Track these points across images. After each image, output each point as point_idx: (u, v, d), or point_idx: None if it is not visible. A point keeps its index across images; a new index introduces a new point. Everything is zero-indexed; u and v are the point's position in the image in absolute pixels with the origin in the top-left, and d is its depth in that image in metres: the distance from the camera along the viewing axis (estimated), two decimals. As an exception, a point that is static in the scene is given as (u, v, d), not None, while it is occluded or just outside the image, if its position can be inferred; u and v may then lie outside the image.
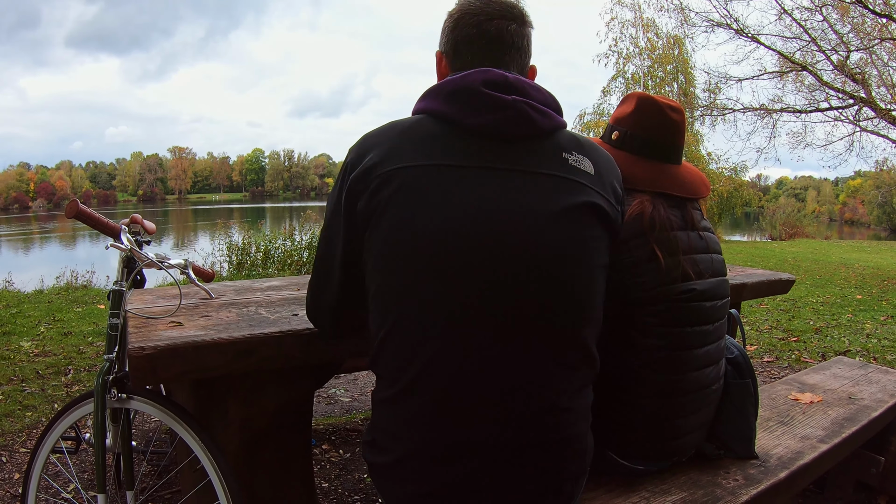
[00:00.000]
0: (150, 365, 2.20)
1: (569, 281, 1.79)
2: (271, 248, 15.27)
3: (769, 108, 21.16)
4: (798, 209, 56.32)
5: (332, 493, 3.83)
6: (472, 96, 1.80)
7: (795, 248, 27.12)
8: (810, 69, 19.49)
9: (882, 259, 22.34)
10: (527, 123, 1.81)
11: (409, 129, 1.84)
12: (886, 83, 18.43)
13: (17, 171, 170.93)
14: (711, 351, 2.36)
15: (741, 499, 2.27)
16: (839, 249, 27.24)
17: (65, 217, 2.96)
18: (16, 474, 3.97)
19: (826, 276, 15.89)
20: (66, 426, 2.68)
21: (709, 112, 22.90)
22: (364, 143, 1.87)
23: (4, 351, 6.64)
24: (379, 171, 1.76)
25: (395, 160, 1.76)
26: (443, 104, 1.84)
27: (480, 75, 1.81)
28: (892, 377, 3.82)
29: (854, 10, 18.02)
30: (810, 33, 19.11)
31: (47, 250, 41.38)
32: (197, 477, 2.47)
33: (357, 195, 1.80)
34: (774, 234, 40.94)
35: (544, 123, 1.84)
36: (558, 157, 1.84)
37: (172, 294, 3.08)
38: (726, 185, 34.97)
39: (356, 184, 1.80)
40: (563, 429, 1.84)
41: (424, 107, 1.89)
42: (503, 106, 1.78)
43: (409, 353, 1.77)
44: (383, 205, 1.74)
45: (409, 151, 1.78)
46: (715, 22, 21.10)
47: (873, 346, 7.71)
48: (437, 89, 1.88)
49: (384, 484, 1.94)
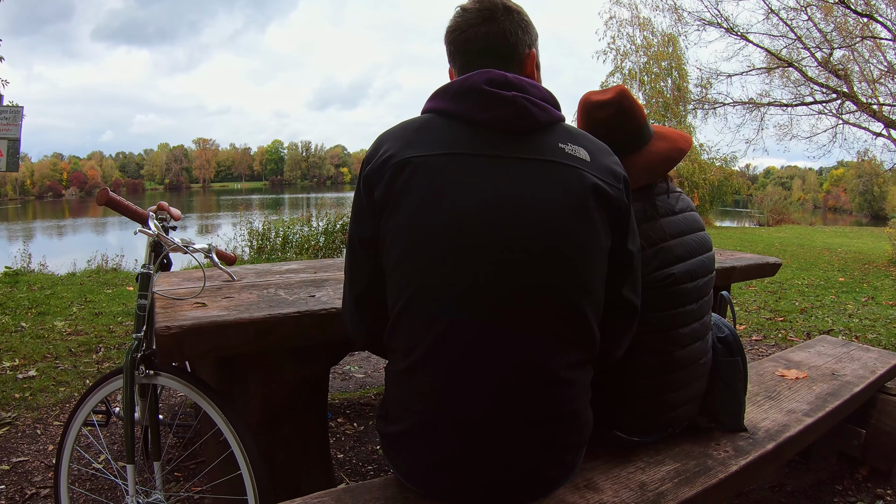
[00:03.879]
0: (176, 343, 2.21)
1: (570, 261, 1.78)
2: (290, 233, 15.29)
3: (757, 102, 21.17)
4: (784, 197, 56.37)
5: (346, 464, 3.84)
6: (476, 94, 1.82)
7: (782, 233, 27.07)
8: (796, 65, 19.48)
9: (863, 244, 22.29)
10: (527, 117, 1.83)
11: (419, 125, 1.87)
12: (867, 79, 18.39)
13: (51, 161, 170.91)
14: (697, 328, 2.35)
15: (731, 469, 2.26)
16: (823, 235, 27.19)
17: (96, 204, 2.96)
18: (50, 446, 3.98)
19: (811, 260, 15.87)
20: (97, 401, 2.69)
21: (701, 106, 22.90)
22: (379, 140, 1.90)
23: (39, 330, 6.67)
24: (393, 161, 1.78)
25: (407, 151, 1.79)
26: (450, 103, 1.86)
27: (483, 75, 1.84)
28: (873, 355, 3.81)
29: (837, 10, 18.03)
30: (796, 32, 19.13)
31: (79, 236, 41.37)
32: (220, 448, 2.47)
33: (374, 185, 1.82)
34: (762, 220, 40.92)
35: (542, 117, 1.86)
36: (555, 146, 1.85)
37: (197, 277, 3.09)
38: (717, 174, 34.98)
39: (373, 174, 1.82)
40: (564, 404, 1.84)
41: (433, 106, 1.91)
42: (504, 102, 1.80)
43: (419, 330, 1.78)
44: (398, 191, 1.77)
45: (420, 144, 1.80)
46: (707, 21, 21.15)
47: (855, 326, 7.70)
48: (444, 90, 1.91)
49: (395, 454, 1.95)
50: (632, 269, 2.02)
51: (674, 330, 2.28)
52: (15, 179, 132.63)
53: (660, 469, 2.22)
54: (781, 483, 3.55)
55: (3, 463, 3.73)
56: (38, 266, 13.04)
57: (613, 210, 1.89)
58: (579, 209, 1.80)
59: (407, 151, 1.79)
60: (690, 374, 2.36)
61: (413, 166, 1.76)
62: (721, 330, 2.56)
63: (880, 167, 24.54)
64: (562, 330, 1.80)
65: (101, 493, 3.39)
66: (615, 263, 1.94)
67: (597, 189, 1.83)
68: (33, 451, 3.92)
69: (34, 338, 6.39)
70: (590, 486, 2.05)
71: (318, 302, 2.60)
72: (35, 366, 5.49)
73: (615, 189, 1.89)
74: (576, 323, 1.82)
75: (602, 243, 1.86)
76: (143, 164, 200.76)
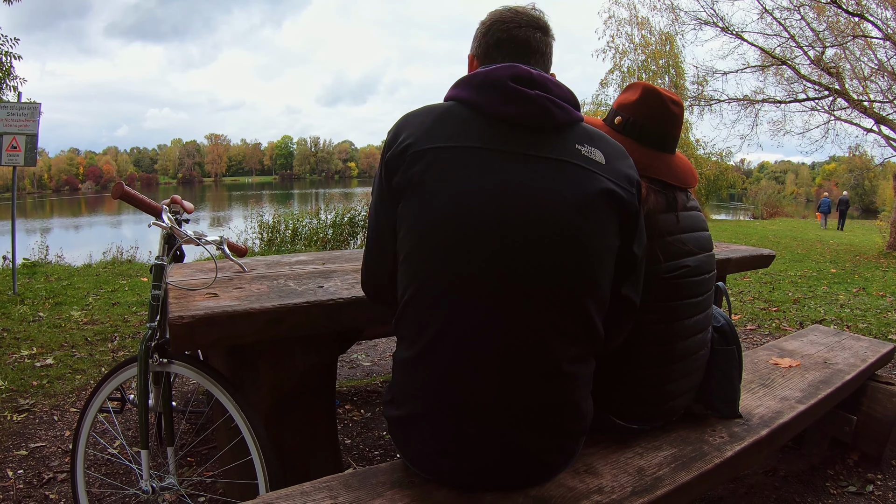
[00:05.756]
0: (189, 332, 2.20)
1: (576, 259, 1.79)
2: (299, 226, 15.31)
3: (752, 98, 21.11)
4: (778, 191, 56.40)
5: (354, 449, 3.84)
6: (499, 88, 1.82)
7: (776, 226, 27.11)
8: (789, 63, 19.44)
9: (854, 236, 22.33)
10: (546, 116, 1.83)
11: (440, 113, 1.87)
12: (858, 76, 18.36)
13: (67, 156, 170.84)
14: (700, 320, 2.35)
15: (726, 454, 2.26)
16: (815, 227, 27.18)
17: (111, 198, 2.96)
18: (66, 431, 3.99)
19: (803, 252, 15.90)
20: (112, 388, 2.69)
21: (697, 102, 22.83)
22: (400, 125, 1.91)
23: (56, 319, 6.69)
24: (412, 150, 1.80)
25: (425, 141, 1.80)
26: (473, 93, 1.86)
27: (508, 70, 1.84)
28: (864, 344, 3.81)
29: (829, 10, 18.01)
30: (789, 31, 19.07)
31: (95, 228, 41.43)
32: (231, 434, 2.47)
33: (393, 171, 1.84)
34: (756, 213, 41.03)
35: (562, 117, 1.86)
36: (572, 147, 1.85)
37: (209, 268, 3.08)
38: (713, 168, 34.95)
39: (392, 161, 1.84)
40: (565, 394, 1.85)
41: (456, 94, 1.91)
42: (527, 99, 1.81)
43: (425, 319, 1.79)
44: (415, 180, 1.78)
45: (439, 134, 1.81)
46: (703, 20, 21.07)
47: (846, 316, 7.70)
48: (468, 79, 1.91)
49: (401, 439, 1.96)
50: (634, 269, 2.02)
51: (679, 321, 2.28)
52: (33, 174, 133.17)
53: (657, 454, 2.22)
54: (775, 468, 3.55)
55: (21, 448, 3.73)
56: (55, 258, 13.06)
57: (624, 214, 1.89)
58: (589, 209, 1.80)
59: (425, 141, 1.80)
60: (690, 364, 2.36)
61: (430, 157, 1.78)
62: (717, 320, 2.56)
63: (871, 162, 24.56)
64: (563, 322, 1.80)
65: (116, 477, 3.39)
66: (619, 263, 1.94)
67: (609, 193, 1.84)
68: (50, 436, 3.92)
69: (51, 327, 6.40)
70: (590, 471, 2.05)
71: (326, 292, 2.60)
72: (52, 354, 5.50)
73: (628, 193, 1.89)
74: (577, 316, 1.82)
75: (610, 243, 1.87)
76: (156, 158, 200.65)
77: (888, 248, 16.99)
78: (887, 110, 18.17)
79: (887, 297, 8.99)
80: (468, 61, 2.13)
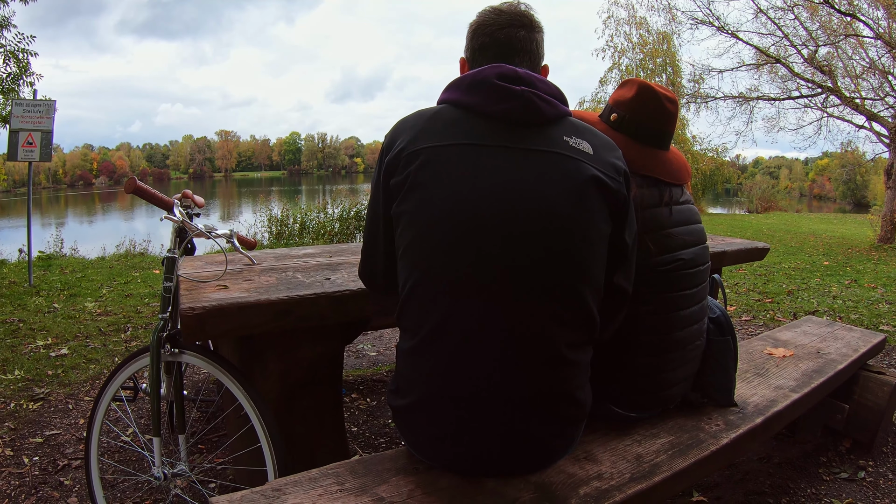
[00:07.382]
0: (200, 323, 2.21)
1: (569, 246, 1.79)
2: (307, 219, 15.32)
3: (747, 96, 21.06)
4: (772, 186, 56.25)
5: (360, 437, 3.85)
6: (487, 87, 1.84)
7: (770, 220, 27.05)
8: (783, 62, 19.39)
9: (846, 230, 22.29)
10: (534, 111, 1.84)
11: (432, 116, 1.89)
12: (850, 74, 18.32)
13: (81, 152, 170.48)
14: (696, 311, 2.35)
15: (722, 441, 2.27)
16: (809, 221, 27.16)
17: (124, 192, 2.96)
18: (81, 420, 3.99)
19: (797, 245, 15.87)
20: (125, 377, 2.70)
21: (693, 100, 22.76)
22: (395, 130, 1.93)
23: (71, 311, 6.69)
24: (407, 151, 1.82)
25: (420, 141, 1.82)
26: (463, 94, 1.88)
27: (494, 70, 1.87)
28: (856, 334, 3.81)
29: (822, 10, 17.94)
30: (783, 30, 19.01)
31: (109, 222, 41.40)
32: (241, 422, 2.48)
33: (392, 173, 1.86)
34: (751, 207, 40.90)
35: (549, 112, 1.87)
36: (560, 139, 1.86)
37: (219, 260, 3.08)
38: (709, 164, 34.83)
39: (391, 164, 1.87)
40: (565, 381, 1.85)
41: (447, 97, 1.94)
42: (514, 95, 1.82)
43: (426, 311, 1.80)
44: (411, 179, 1.80)
45: (432, 134, 1.83)
46: (699, 20, 20.98)
47: (839, 307, 7.68)
48: (457, 82, 1.93)
49: (405, 427, 1.96)
50: (626, 258, 2.02)
51: (675, 312, 2.28)
52: (48, 169, 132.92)
53: (655, 442, 2.22)
54: (769, 455, 3.56)
55: (37, 436, 3.74)
56: (69, 250, 13.05)
57: (613, 200, 1.89)
58: (579, 197, 1.81)
59: (419, 142, 1.82)
60: (687, 354, 2.36)
61: (424, 156, 1.79)
62: (713, 311, 2.55)
63: (862, 157, 24.40)
64: (561, 310, 1.80)
65: (129, 464, 3.40)
66: (611, 251, 1.94)
67: (597, 180, 1.84)
68: (65, 424, 3.93)
69: (66, 318, 6.41)
70: (589, 458, 2.05)
71: (333, 284, 2.60)
72: (67, 344, 5.51)
73: (615, 181, 1.89)
74: (575, 304, 1.82)
75: (601, 230, 1.87)
76: (168, 154, 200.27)
77: (879, 242, 16.93)
78: (878, 107, 18.14)
79: (878, 289, 8.97)
80: (460, 65, 2.14)
